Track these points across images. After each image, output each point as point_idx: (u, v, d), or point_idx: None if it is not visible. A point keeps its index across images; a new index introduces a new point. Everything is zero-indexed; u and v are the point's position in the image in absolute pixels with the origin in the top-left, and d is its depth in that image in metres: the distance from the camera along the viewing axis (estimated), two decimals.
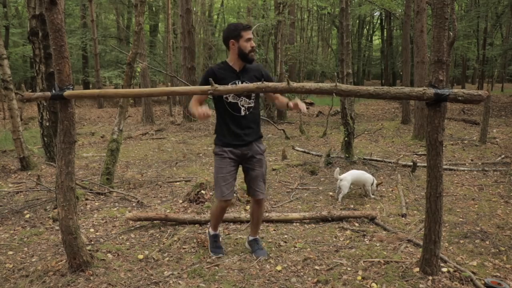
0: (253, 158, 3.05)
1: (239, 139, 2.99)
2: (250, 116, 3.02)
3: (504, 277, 2.80)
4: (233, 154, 3.00)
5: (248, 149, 3.03)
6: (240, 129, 2.99)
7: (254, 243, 3.27)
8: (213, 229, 3.32)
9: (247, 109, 3.00)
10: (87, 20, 20.82)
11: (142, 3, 5.37)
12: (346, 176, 4.61)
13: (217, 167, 3.03)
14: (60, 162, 2.81)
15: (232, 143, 2.99)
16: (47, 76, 6.37)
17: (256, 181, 3.08)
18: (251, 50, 2.93)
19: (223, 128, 3.01)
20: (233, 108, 2.97)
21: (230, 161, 3.01)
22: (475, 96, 2.36)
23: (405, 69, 12.56)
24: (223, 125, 3.01)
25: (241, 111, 2.98)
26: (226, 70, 2.97)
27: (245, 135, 3.00)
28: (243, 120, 2.99)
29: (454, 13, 9.05)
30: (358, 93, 2.56)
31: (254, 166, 3.06)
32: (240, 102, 2.98)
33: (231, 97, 2.95)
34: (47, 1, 2.62)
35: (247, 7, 18.83)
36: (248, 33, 2.91)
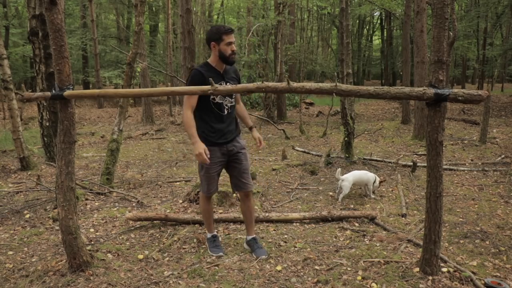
0: (238, 153, 3.16)
1: (223, 137, 3.10)
2: (231, 114, 3.16)
3: (504, 277, 2.80)
4: (219, 152, 3.10)
5: (233, 145, 3.15)
6: (224, 127, 3.10)
7: (253, 242, 3.29)
8: (209, 231, 3.38)
9: (230, 108, 3.13)
10: (87, 20, 20.82)
11: (142, 3, 5.37)
12: (347, 177, 4.61)
13: (205, 167, 3.09)
14: (60, 162, 2.81)
15: (218, 141, 3.08)
16: (47, 76, 6.37)
17: (244, 174, 3.18)
18: (231, 53, 3.01)
19: (207, 127, 3.07)
20: (219, 108, 3.07)
21: (218, 159, 3.10)
22: (475, 96, 2.36)
23: (405, 69, 12.56)
24: (207, 125, 3.07)
25: (225, 110, 3.10)
26: (211, 71, 3.03)
27: (229, 132, 3.13)
28: (226, 119, 3.11)
29: (454, 13, 9.05)
30: (358, 93, 2.56)
31: (241, 160, 3.17)
32: (225, 102, 3.10)
33: (218, 98, 3.05)
34: (47, 1, 2.62)
35: (247, 7, 18.83)
36: (229, 36, 2.97)
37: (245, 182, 3.19)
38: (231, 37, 2.98)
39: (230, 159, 3.17)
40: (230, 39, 2.98)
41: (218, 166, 3.13)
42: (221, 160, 3.13)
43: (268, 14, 13.86)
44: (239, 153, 3.16)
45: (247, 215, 3.31)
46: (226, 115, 3.10)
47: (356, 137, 7.74)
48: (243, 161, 3.18)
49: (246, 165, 3.20)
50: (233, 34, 3.01)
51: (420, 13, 8.98)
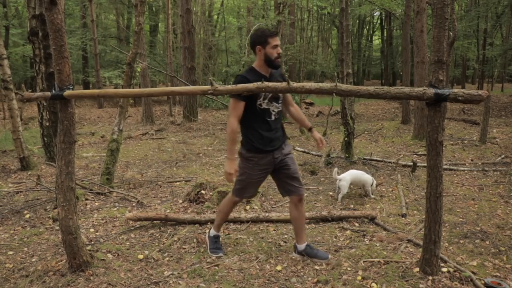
0: (285, 159, 3.07)
1: (270, 144, 2.99)
2: (278, 120, 3.07)
3: (504, 277, 2.80)
4: (265, 160, 2.99)
5: (279, 153, 3.04)
6: (272, 134, 3.00)
7: (309, 249, 3.15)
8: (216, 229, 3.32)
9: (277, 113, 3.04)
10: (87, 20, 20.82)
11: (142, 3, 5.37)
12: (345, 176, 4.61)
13: (247, 173, 3.00)
14: (60, 162, 2.81)
15: (265, 149, 2.97)
16: (47, 76, 6.37)
17: (294, 178, 3.09)
18: (277, 56, 2.94)
19: (254, 134, 2.97)
20: (266, 114, 2.98)
21: (262, 168, 3.01)
22: (475, 96, 2.36)
23: (405, 69, 12.56)
24: (254, 132, 2.97)
25: (272, 116, 3.00)
26: (257, 76, 2.92)
27: (276, 139, 3.02)
28: (273, 125, 3.01)
29: (454, 13, 9.04)
30: (358, 93, 2.57)
31: (289, 165, 3.07)
32: (271, 107, 2.99)
33: (264, 104, 2.95)
34: (47, 1, 2.62)
35: (247, 7, 18.84)
36: (274, 39, 2.92)
37: (296, 186, 3.11)
38: (276, 39, 2.93)
39: (277, 167, 3.06)
40: (276, 41, 2.92)
41: (262, 173, 3.04)
42: (266, 168, 3.02)
43: (268, 14, 13.86)
44: (286, 158, 3.07)
45: (300, 221, 3.17)
46: (273, 121, 3.00)
47: (356, 137, 7.74)
48: (291, 166, 3.08)
49: (294, 169, 3.10)
50: (278, 37, 2.96)
51: (420, 13, 8.98)
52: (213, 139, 9.82)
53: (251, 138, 2.97)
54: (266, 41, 2.90)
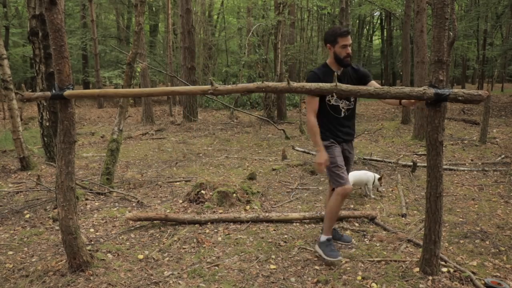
0: (349, 155, 3.27)
1: (339, 137, 3.16)
2: (349, 116, 3.19)
3: (504, 277, 2.80)
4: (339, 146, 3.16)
5: (347, 146, 3.24)
6: (341, 128, 3.16)
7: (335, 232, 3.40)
8: (327, 233, 3.15)
9: (347, 110, 3.16)
10: (87, 20, 20.82)
11: (142, 3, 5.37)
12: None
13: (333, 156, 3.07)
14: (60, 162, 2.81)
15: (337, 139, 3.16)
16: (47, 76, 6.37)
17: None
18: (346, 56, 2.99)
19: (327, 127, 3.13)
20: (335, 110, 3.11)
21: (340, 149, 3.16)
22: (475, 96, 2.36)
23: (405, 69, 12.55)
24: (327, 124, 3.13)
25: (341, 113, 3.14)
26: (329, 73, 3.03)
27: (345, 134, 3.18)
28: (343, 121, 3.16)
29: (454, 13, 9.05)
30: (358, 93, 2.57)
31: (349, 161, 3.29)
32: (341, 104, 3.12)
33: (333, 100, 3.09)
34: (47, 1, 2.62)
35: (247, 7, 18.84)
36: (344, 39, 2.95)
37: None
38: (346, 39, 2.96)
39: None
40: (345, 41, 2.96)
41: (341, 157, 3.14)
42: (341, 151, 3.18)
43: (268, 14, 13.85)
44: (350, 155, 3.28)
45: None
46: (343, 117, 3.14)
47: (356, 137, 7.74)
48: (350, 163, 3.32)
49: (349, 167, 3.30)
50: (349, 36, 2.99)
51: (420, 13, 8.98)
52: (213, 139, 9.82)
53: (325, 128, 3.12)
54: (336, 40, 2.98)
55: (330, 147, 3.10)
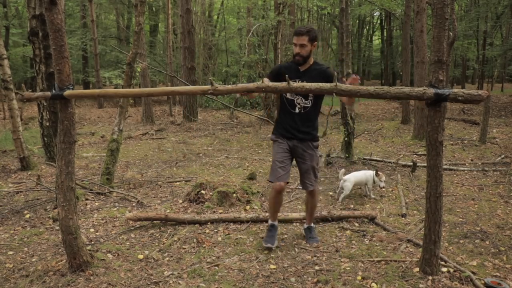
0: (304, 153, 3.29)
1: (290, 133, 3.26)
2: (304, 116, 3.25)
3: (504, 277, 2.80)
4: (286, 143, 3.28)
5: (300, 143, 3.28)
6: (293, 124, 3.25)
7: (307, 231, 3.54)
8: (270, 218, 3.46)
9: (302, 108, 3.24)
10: (87, 20, 20.81)
11: (142, 3, 5.37)
12: (349, 178, 4.61)
13: (273, 153, 3.32)
14: (60, 162, 2.81)
15: (285, 134, 3.28)
16: (47, 76, 6.37)
17: (306, 174, 3.33)
18: (296, 54, 3.17)
19: (280, 120, 3.32)
20: (290, 104, 3.25)
21: (284, 146, 3.28)
22: (475, 96, 2.36)
23: (405, 69, 12.55)
24: (281, 116, 3.32)
25: (296, 109, 3.24)
26: (291, 68, 3.22)
27: (297, 131, 3.25)
28: (296, 117, 3.25)
29: (454, 13, 9.05)
30: (358, 93, 2.57)
31: (305, 159, 3.30)
32: (296, 100, 3.24)
33: (289, 94, 3.22)
34: (47, 1, 2.62)
35: (247, 7, 18.83)
36: (295, 38, 3.13)
37: (305, 181, 3.36)
38: (297, 39, 3.11)
39: (295, 156, 3.33)
40: (296, 40, 3.13)
41: (285, 153, 3.27)
42: (287, 149, 3.28)
43: (268, 14, 13.85)
44: (304, 152, 3.28)
45: (308, 207, 3.55)
46: (297, 114, 3.23)
47: (356, 137, 7.74)
48: (307, 161, 3.30)
49: (308, 165, 3.30)
50: (303, 36, 3.09)
51: (420, 13, 8.98)
52: (213, 139, 9.82)
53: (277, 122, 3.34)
54: (293, 37, 3.18)
55: (274, 143, 3.33)
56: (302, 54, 3.15)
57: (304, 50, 3.13)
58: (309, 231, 3.54)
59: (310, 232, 3.53)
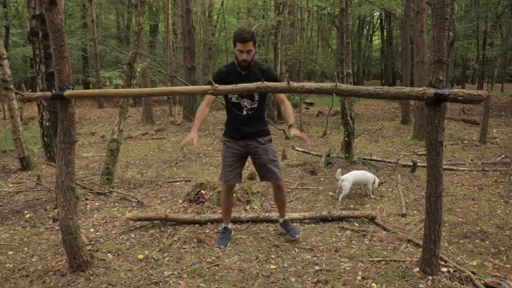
0: (257, 148, 3.31)
1: (240, 134, 3.29)
2: (252, 117, 3.28)
3: (504, 277, 2.80)
4: (237, 145, 3.32)
5: (251, 141, 3.30)
6: (243, 127, 3.28)
7: (284, 225, 3.56)
8: (224, 221, 3.54)
9: (250, 109, 3.26)
10: (87, 20, 20.82)
11: (142, 3, 5.37)
12: (347, 177, 4.61)
13: (223, 155, 3.37)
14: (60, 162, 2.81)
15: (234, 135, 3.31)
16: (47, 76, 6.38)
17: (265, 167, 3.35)
18: (242, 60, 3.14)
19: (229, 123, 3.36)
20: (237, 107, 3.26)
21: (233, 150, 3.32)
22: (475, 96, 2.36)
23: (405, 69, 12.56)
24: (229, 121, 3.36)
25: (243, 111, 3.26)
26: (233, 73, 3.20)
27: (247, 132, 3.28)
28: (245, 120, 3.27)
29: (454, 13, 9.05)
30: (358, 93, 2.57)
31: (260, 155, 3.32)
32: (243, 103, 3.24)
33: (234, 98, 3.24)
34: (47, 1, 2.62)
35: (247, 7, 18.82)
36: (239, 45, 3.09)
37: (267, 174, 3.37)
38: (241, 45, 3.09)
39: (250, 154, 3.35)
40: (240, 47, 3.09)
41: (234, 157, 3.32)
42: (238, 152, 3.32)
43: (268, 14, 13.85)
44: (257, 148, 3.31)
45: (278, 202, 3.58)
46: (245, 115, 3.26)
47: (356, 137, 7.74)
48: (262, 156, 3.31)
49: (265, 159, 3.31)
50: (248, 43, 3.07)
51: (420, 13, 8.98)
52: (213, 139, 9.82)
53: (227, 125, 3.37)
54: (235, 43, 3.13)
55: (224, 145, 3.37)
56: (248, 60, 3.14)
57: (250, 55, 3.12)
58: (286, 225, 3.56)
59: (288, 225, 3.56)
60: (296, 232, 3.46)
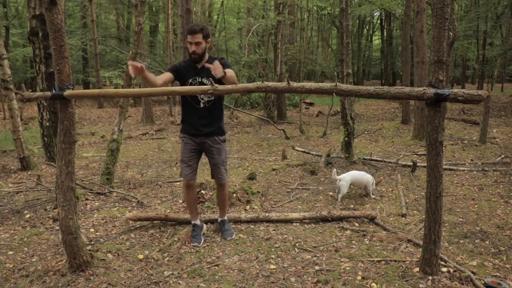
0: (211, 147, 3.38)
1: (196, 129, 3.34)
2: (210, 109, 3.33)
3: (504, 277, 2.80)
4: (193, 141, 3.37)
5: (206, 139, 3.36)
6: (199, 120, 3.32)
7: (221, 224, 3.64)
8: (191, 218, 3.58)
9: (207, 102, 3.32)
10: (87, 20, 20.83)
11: (142, 3, 5.37)
12: (345, 177, 4.62)
13: (180, 152, 3.45)
14: (60, 162, 2.81)
15: (191, 132, 3.36)
16: (47, 76, 6.36)
17: (216, 168, 3.45)
18: (192, 52, 3.23)
19: (185, 118, 3.38)
20: (194, 100, 3.31)
21: (190, 146, 3.38)
22: (475, 96, 2.36)
23: (405, 69, 12.56)
24: (185, 115, 3.37)
25: (201, 104, 3.31)
26: (190, 66, 3.32)
27: (203, 126, 3.33)
28: (202, 112, 3.32)
29: (454, 13, 9.05)
30: (358, 93, 2.57)
31: (213, 154, 3.40)
32: (200, 95, 3.27)
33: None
34: (47, 1, 2.62)
35: (247, 7, 18.82)
36: (189, 36, 3.20)
37: (216, 175, 3.49)
38: (191, 37, 3.20)
39: (204, 151, 3.43)
40: (190, 39, 3.19)
41: (192, 153, 3.38)
42: (194, 148, 3.38)
43: (268, 14, 13.85)
44: (212, 147, 3.37)
45: (219, 200, 3.67)
46: (202, 109, 3.30)
47: (356, 137, 7.74)
48: (215, 156, 3.40)
49: (218, 159, 3.41)
50: (196, 35, 3.17)
51: (420, 13, 8.98)
52: None
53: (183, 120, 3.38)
54: (187, 36, 3.24)
55: (182, 141, 3.43)
56: (197, 52, 3.22)
57: (199, 47, 3.21)
58: (223, 225, 3.62)
59: (224, 225, 3.61)
60: (228, 235, 3.53)
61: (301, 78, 19.58)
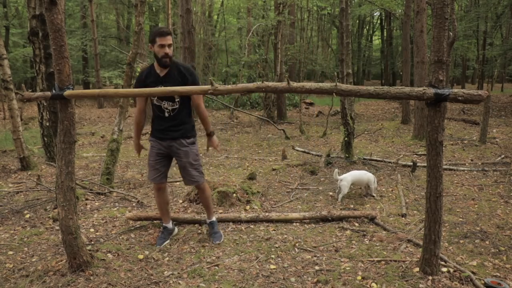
0: (178, 151, 3.33)
1: (163, 133, 3.31)
2: (174, 117, 3.28)
3: (504, 277, 2.80)
4: (160, 145, 3.34)
5: (173, 142, 3.31)
6: (164, 127, 3.29)
7: (210, 227, 3.60)
8: (163, 221, 3.59)
9: (171, 111, 3.26)
10: (87, 20, 20.83)
11: (142, 3, 5.37)
12: (346, 177, 4.62)
13: (148, 155, 3.42)
14: (60, 162, 2.81)
15: (158, 135, 3.34)
16: (47, 76, 6.36)
17: (184, 170, 3.39)
18: (163, 55, 3.09)
19: (154, 124, 3.37)
20: (158, 109, 3.27)
21: (156, 150, 3.36)
22: (475, 96, 2.36)
23: (405, 69, 12.56)
24: (154, 121, 3.37)
25: (165, 113, 3.27)
26: (151, 75, 3.20)
27: (169, 131, 3.29)
28: (167, 121, 3.28)
29: (454, 13, 9.05)
30: (358, 93, 2.57)
31: (180, 157, 3.35)
32: (163, 105, 3.24)
33: (155, 100, 3.23)
34: (47, 1, 2.62)
35: (247, 7, 18.84)
36: (162, 39, 3.06)
37: (185, 177, 3.43)
38: (164, 39, 3.07)
39: (172, 154, 3.39)
40: (163, 41, 3.06)
41: (158, 157, 3.36)
42: (161, 152, 3.35)
43: (268, 14, 13.85)
44: (178, 150, 3.33)
45: (202, 203, 3.63)
46: (167, 117, 3.26)
47: (356, 137, 7.74)
48: (183, 159, 3.34)
49: (185, 162, 3.35)
50: (169, 37, 3.08)
51: (420, 13, 8.98)
52: None
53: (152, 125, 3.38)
54: (154, 40, 3.08)
55: (150, 145, 3.40)
56: (170, 55, 3.14)
57: (171, 50, 3.12)
58: (212, 227, 3.57)
59: (212, 228, 3.57)
60: (216, 239, 3.47)
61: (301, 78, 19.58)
